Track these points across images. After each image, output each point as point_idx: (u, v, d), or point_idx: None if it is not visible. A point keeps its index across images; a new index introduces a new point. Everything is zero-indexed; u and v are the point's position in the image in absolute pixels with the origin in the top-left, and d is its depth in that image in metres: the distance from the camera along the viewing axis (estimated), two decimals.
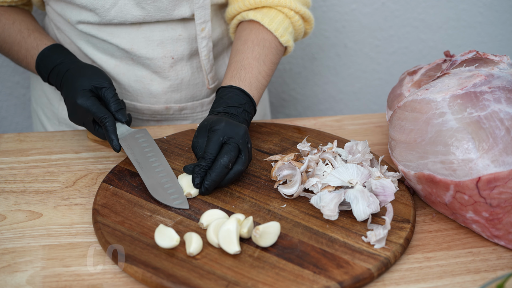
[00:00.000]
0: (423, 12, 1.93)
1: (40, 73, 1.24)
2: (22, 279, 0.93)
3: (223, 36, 1.37)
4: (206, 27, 1.28)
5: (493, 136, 0.97)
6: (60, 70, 1.20)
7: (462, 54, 1.13)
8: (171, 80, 1.32)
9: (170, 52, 1.30)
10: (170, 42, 1.29)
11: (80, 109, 1.13)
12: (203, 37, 1.29)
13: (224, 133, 1.07)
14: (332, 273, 0.92)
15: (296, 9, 1.29)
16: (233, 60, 1.23)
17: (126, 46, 1.28)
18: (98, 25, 1.26)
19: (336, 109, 2.06)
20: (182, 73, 1.33)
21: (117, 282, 0.93)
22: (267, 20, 1.27)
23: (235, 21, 1.31)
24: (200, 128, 1.11)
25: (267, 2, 1.27)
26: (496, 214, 0.98)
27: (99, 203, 1.04)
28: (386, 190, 1.03)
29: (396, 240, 0.98)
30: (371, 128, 1.33)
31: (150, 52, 1.29)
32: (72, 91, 1.15)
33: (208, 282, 0.90)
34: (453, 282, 0.94)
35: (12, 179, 1.14)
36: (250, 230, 0.97)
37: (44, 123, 1.45)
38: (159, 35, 1.28)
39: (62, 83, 1.18)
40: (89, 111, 1.12)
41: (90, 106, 1.12)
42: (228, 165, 1.05)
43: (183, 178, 1.08)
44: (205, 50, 1.30)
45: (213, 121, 1.09)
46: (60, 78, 1.19)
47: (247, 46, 1.25)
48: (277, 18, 1.28)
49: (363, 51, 1.97)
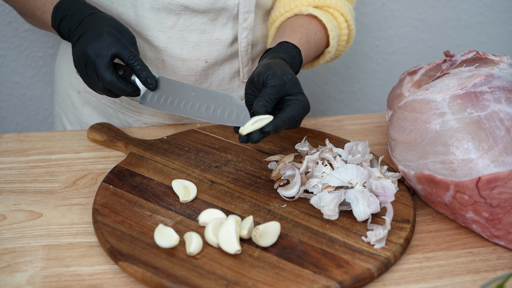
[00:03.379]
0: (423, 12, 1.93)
1: (54, 18, 1.17)
2: (22, 279, 0.93)
3: (258, 42, 1.36)
4: (248, 18, 1.26)
5: (493, 136, 0.97)
6: (83, 12, 1.14)
7: (462, 54, 1.13)
8: (201, 84, 1.31)
9: (204, 55, 1.28)
10: (206, 45, 1.27)
11: (101, 40, 1.08)
12: (244, 28, 1.27)
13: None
14: (332, 273, 0.92)
15: (347, 18, 1.30)
16: (298, 30, 1.22)
17: (161, 44, 1.26)
18: (136, 16, 1.24)
19: (336, 109, 2.06)
20: (213, 78, 1.32)
21: (117, 282, 0.93)
22: (325, 18, 1.27)
23: (289, 14, 1.28)
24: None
25: (328, 2, 1.28)
26: (496, 214, 0.98)
27: (99, 203, 1.04)
28: (386, 191, 1.03)
29: (396, 240, 0.98)
30: (371, 128, 1.33)
31: (185, 53, 1.27)
32: (99, 26, 1.10)
33: (208, 282, 0.90)
34: (453, 282, 0.94)
35: (12, 179, 1.14)
36: (250, 230, 0.97)
37: (66, 127, 1.45)
38: (196, 37, 1.26)
39: (85, 21, 1.13)
40: (113, 44, 1.08)
41: (116, 40, 1.09)
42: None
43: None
44: (244, 41, 1.29)
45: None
46: (82, 18, 1.13)
47: (312, 26, 1.25)
48: (333, 22, 1.28)
49: (363, 51, 1.97)
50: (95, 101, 1.37)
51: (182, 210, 1.04)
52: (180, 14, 1.23)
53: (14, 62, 1.78)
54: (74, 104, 1.41)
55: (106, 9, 1.26)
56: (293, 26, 1.24)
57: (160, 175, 1.12)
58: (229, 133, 1.25)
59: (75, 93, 1.40)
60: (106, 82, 1.09)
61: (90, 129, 1.25)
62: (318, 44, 1.26)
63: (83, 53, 1.09)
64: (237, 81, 1.35)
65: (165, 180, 1.11)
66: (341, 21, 1.29)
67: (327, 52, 1.30)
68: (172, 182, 1.08)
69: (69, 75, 1.40)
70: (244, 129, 1.01)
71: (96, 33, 1.09)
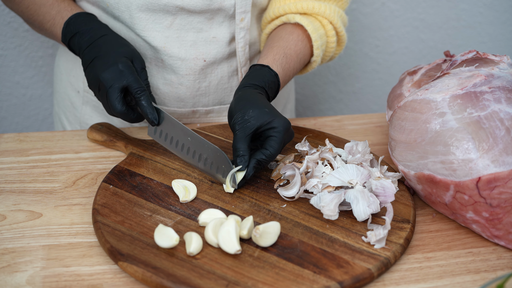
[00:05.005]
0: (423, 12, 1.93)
1: (65, 34, 1.21)
2: (22, 279, 0.93)
3: (255, 41, 1.36)
4: (245, 18, 1.27)
5: (493, 136, 0.97)
6: (95, 32, 1.19)
7: (462, 54, 1.13)
8: (200, 83, 1.32)
9: (202, 54, 1.28)
10: (204, 43, 1.28)
11: (115, 71, 1.12)
12: (241, 28, 1.28)
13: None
14: (332, 273, 0.92)
15: (337, 26, 1.30)
16: (275, 45, 1.24)
17: (159, 44, 1.26)
18: (131, 18, 1.24)
19: (336, 109, 2.06)
20: (211, 76, 1.32)
21: (117, 282, 0.93)
22: (311, 27, 1.27)
23: (278, 21, 1.30)
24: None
25: (317, 10, 1.28)
26: (496, 214, 0.98)
27: (99, 203, 1.04)
28: (386, 191, 1.03)
29: (396, 240, 0.98)
30: (371, 128, 1.33)
31: (183, 52, 1.27)
32: (112, 54, 1.14)
33: (208, 282, 0.90)
34: (453, 282, 0.94)
35: (12, 179, 1.14)
36: (250, 230, 0.97)
37: (65, 126, 1.45)
38: (193, 36, 1.27)
39: (97, 43, 1.17)
40: (126, 76, 1.13)
41: (129, 73, 1.13)
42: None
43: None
44: (242, 41, 1.29)
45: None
46: (94, 39, 1.18)
47: (292, 37, 1.26)
48: (319, 31, 1.29)
49: (363, 51, 1.97)
50: (94, 101, 1.37)
51: (182, 210, 1.04)
52: (176, 15, 1.24)
53: (14, 62, 1.78)
54: (73, 103, 1.41)
55: (104, 10, 1.26)
56: (273, 40, 1.27)
57: (160, 175, 1.12)
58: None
59: (74, 92, 1.40)
60: (116, 112, 1.14)
61: (90, 129, 1.25)
62: (300, 54, 1.27)
63: (97, 79, 1.14)
64: (235, 80, 1.35)
65: (165, 180, 1.11)
66: (329, 29, 1.30)
67: (312, 61, 1.31)
68: (172, 182, 1.08)
69: (68, 75, 1.40)
70: (228, 188, 1.08)
71: (110, 62, 1.14)
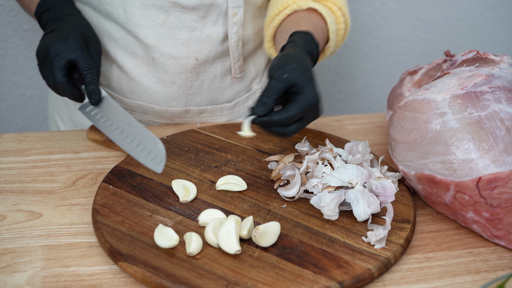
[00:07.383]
0: (423, 12, 1.92)
1: (39, 8, 1.23)
2: (22, 280, 0.93)
3: (249, 40, 1.35)
4: (238, 13, 1.26)
5: (494, 136, 0.97)
6: (65, 10, 1.21)
7: (462, 54, 1.13)
8: (192, 82, 1.32)
9: (194, 53, 1.28)
10: (196, 42, 1.27)
11: (65, 42, 1.14)
12: (234, 23, 1.27)
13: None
14: (332, 273, 0.92)
15: (345, 12, 1.29)
16: (302, 22, 1.22)
17: (151, 41, 1.26)
18: (125, 14, 1.25)
19: (336, 109, 2.06)
20: (204, 75, 1.32)
21: (117, 282, 0.93)
22: (325, 11, 1.25)
23: (288, 10, 1.26)
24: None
25: None
26: (497, 214, 0.98)
27: (99, 203, 1.04)
28: (386, 191, 1.03)
29: (396, 240, 0.98)
30: (371, 128, 1.33)
31: (175, 50, 1.27)
32: (70, 29, 1.16)
33: (208, 282, 0.90)
34: (453, 282, 0.94)
35: (11, 179, 1.14)
36: (250, 231, 0.97)
37: (60, 126, 1.45)
38: (186, 34, 1.26)
39: (63, 19, 1.19)
40: (74, 50, 1.14)
41: (78, 48, 1.14)
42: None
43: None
44: (235, 36, 1.29)
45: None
46: (62, 15, 1.20)
47: (313, 17, 1.24)
48: (331, 16, 1.27)
49: (363, 51, 1.97)
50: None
51: (182, 210, 1.04)
52: (169, 11, 1.24)
53: (14, 62, 1.78)
54: (67, 103, 1.41)
55: (95, 8, 1.27)
56: (295, 20, 1.24)
57: (160, 175, 1.12)
58: (229, 133, 1.25)
59: None
60: (56, 81, 1.14)
61: (89, 129, 1.25)
62: (324, 32, 1.25)
63: (46, 48, 1.15)
64: (229, 79, 1.35)
65: (165, 180, 1.11)
66: (339, 15, 1.28)
67: (327, 48, 1.29)
68: (172, 182, 1.08)
69: None
70: (246, 132, 1.06)
71: (63, 35, 1.15)
